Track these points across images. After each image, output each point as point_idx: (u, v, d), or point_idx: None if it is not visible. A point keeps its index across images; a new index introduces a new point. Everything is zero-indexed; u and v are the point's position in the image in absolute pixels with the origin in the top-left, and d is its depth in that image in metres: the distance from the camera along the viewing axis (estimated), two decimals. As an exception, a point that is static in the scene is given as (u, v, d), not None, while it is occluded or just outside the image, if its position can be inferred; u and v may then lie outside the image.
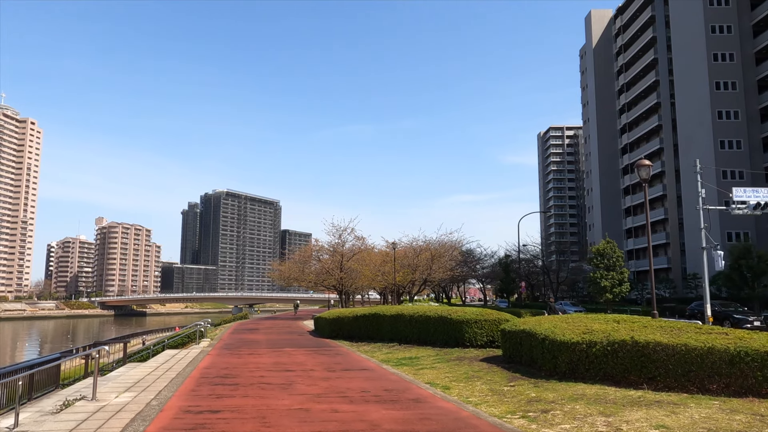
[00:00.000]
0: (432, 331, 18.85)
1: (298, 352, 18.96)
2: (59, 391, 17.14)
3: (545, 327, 12.60)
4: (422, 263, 46.18)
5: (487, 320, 17.42)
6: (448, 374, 12.83)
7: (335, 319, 25.29)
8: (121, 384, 11.95)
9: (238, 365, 15.19)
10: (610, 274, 34.83)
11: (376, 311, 22.34)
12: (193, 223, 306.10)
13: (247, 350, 19.92)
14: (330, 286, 49.77)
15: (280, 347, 21.17)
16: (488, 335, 17.38)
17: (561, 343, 11.40)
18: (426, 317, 19.08)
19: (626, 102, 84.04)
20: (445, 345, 18.14)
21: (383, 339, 21.64)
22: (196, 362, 15.99)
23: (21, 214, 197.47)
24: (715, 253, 22.33)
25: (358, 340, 23.01)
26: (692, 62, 63.46)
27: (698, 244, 60.23)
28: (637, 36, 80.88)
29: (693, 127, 62.29)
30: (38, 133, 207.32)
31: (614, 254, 35.24)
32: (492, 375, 12.34)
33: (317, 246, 49.83)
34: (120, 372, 16.36)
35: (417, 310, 20.15)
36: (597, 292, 35.38)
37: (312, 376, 12.77)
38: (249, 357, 17.41)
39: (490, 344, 17.35)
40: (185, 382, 11.94)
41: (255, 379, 12.33)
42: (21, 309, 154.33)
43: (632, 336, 10.60)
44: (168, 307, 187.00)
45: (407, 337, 20.15)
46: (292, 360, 16.56)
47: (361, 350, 19.66)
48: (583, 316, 13.76)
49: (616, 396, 9.42)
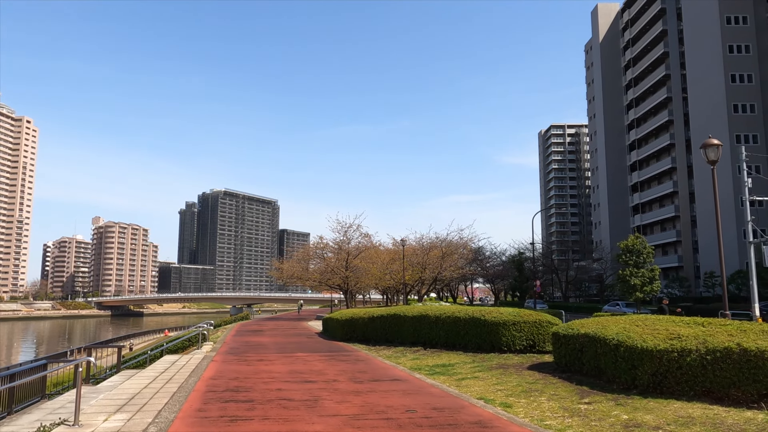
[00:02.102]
0: (462, 334, 16.91)
1: (312, 358, 17.01)
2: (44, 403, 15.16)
3: (614, 331, 10.66)
4: (432, 261, 44.20)
5: (527, 322, 15.50)
6: (500, 387, 10.89)
7: (348, 321, 23.34)
8: (113, 400, 9.99)
9: (248, 375, 13.23)
10: (640, 271, 32.80)
11: (395, 311, 20.38)
12: (191, 223, 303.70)
13: (255, 355, 17.97)
14: (335, 285, 47.72)
15: (290, 352, 19.23)
16: (528, 339, 15.46)
17: (642, 351, 9.46)
18: (455, 318, 17.14)
19: (634, 97, 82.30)
20: (478, 349, 16.21)
21: (404, 342, 19.70)
22: (200, 371, 14.02)
23: (16, 213, 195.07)
24: (765, 249, 20.41)
25: (374, 344, 21.08)
26: (706, 55, 61.66)
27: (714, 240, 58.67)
28: (645, 29, 79.09)
29: (707, 121, 60.48)
30: (34, 132, 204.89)
31: (644, 250, 33.24)
32: (553, 388, 10.40)
33: (322, 244, 47.73)
34: (113, 382, 14.38)
35: (443, 310, 18.22)
36: (626, 290, 33.34)
37: (338, 389, 10.82)
38: (259, 364, 15.45)
39: (529, 349, 15.43)
40: (189, 398, 9.98)
41: (272, 394, 10.37)
42: (16, 309, 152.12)
43: (738, 342, 8.67)
44: (165, 308, 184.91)
45: (432, 340, 18.21)
46: (308, 368, 14.60)
47: (381, 355, 17.71)
48: (655, 318, 11.82)
49: (735, 420, 7.49)
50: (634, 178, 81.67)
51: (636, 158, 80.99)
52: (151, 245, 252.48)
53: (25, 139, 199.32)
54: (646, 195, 78.50)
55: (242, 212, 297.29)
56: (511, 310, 16.52)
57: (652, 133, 77.89)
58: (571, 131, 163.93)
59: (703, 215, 61.75)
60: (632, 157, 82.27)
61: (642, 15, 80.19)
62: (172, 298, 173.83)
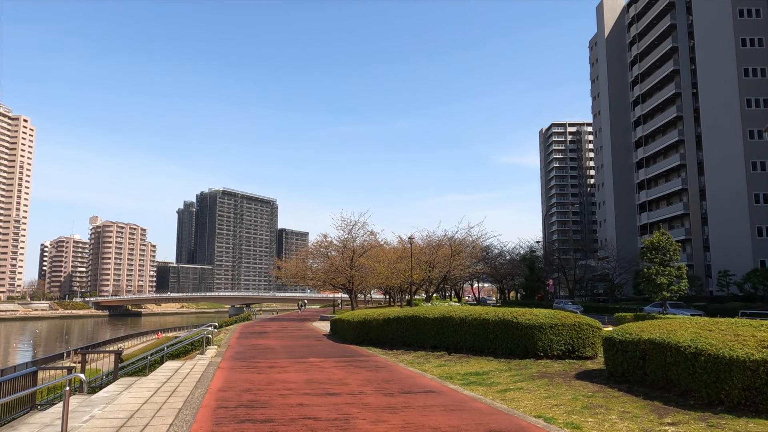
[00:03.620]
0: (492, 337, 15.49)
1: (327, 364, 15.56)
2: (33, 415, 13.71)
3: (687, 337, 9.26)
4: (441, 260, 42.72)
5: (566, 325, 14.10)
6: (553, 401, 9.47)
7: (361, 323, 21.90)
8: (108, 419, 8.56)
9: (261, 385, 11.79)
10: (667, 269, 31.32)
11: (413, 313, 18.95)
12: (189, 223, 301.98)
13: (265, 361, 16.52)
14: (339, 285, 46.23)
15: (302, 357, 17.79)
16: (566, 343, 14.06)
17: (731, 362, 8.06)
18: (483, 320, 15.72)
19: (641, 93, 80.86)
20: (510, 355, 14.80)
21: (424, 346, 18.27)
22: (207, 380, 12.58)
23: (13, 213, 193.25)
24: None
25: (390, 347, 19.65)
26: (718, 49, 60.28)
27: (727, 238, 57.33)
28: (653, 24, 77.67)
29: (719, 117, 59.11)
30: (31, 131, 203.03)
31: (670, 247, 31.70)
32: (619, 404, 8.98)
33: (326, 242, 46.16)
34: (109, 393, 12.95)
35: (468, 311, 16.81)
36: (652, 290, 31.75)
37: (368, 405, 9.40)
38: (271, 372, 13.99)
39: (568, 355, 14.04)
40: (198, 417, 8.55)
41: (293, 411, 8.95)
42: (13, 310, 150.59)
43: None
44: (164, 307, 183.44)
45: (457, 344, 16.79)
46: (326, 376, 13.15)
47: (402, 361, 16.28)
48: (727, 321, 10.41)
49: None
50: (640, 175, 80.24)
51: (643, 155, 79.56)
52: (149, 245, 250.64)
53: (22, 138, 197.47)
54: (653, 192, 77.08)
55: (241, 212, 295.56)
56: (546, 311, 15.11)
57: (660, 129, 76.46)
58: (573, 129, 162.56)
59: (714, 212, 60.37)
60: (639, 154, 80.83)
61: (649, 9, 78.75)
62: (170, 298, 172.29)
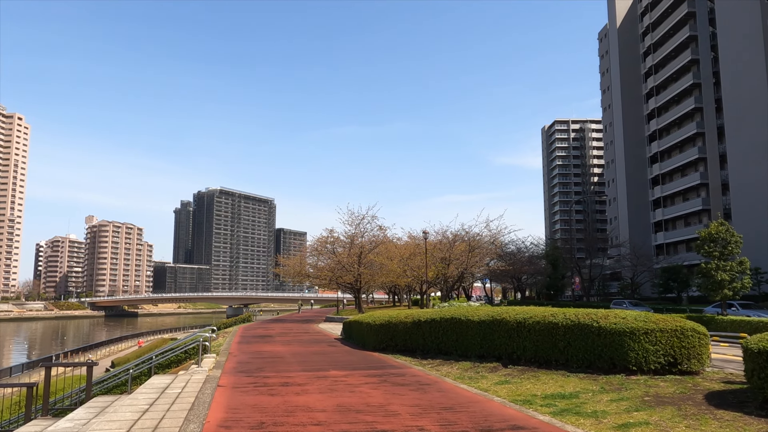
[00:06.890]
0: (561, 346, 12.34)
1: (355, 380, 12.35)
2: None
3: None
4: (457, 256, 39.50)
5: (664, 330, 10.94)
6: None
7: (384, 326, 18.74)
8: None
9: (277, 416, 8.59)
10: (728, 264, 27.96)
11: (453, 314, 15.77)
12: (186, 222, 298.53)
13: (276, 376, 13.30)
14: (346, 284, 42.99)
15: (320, 369, 14.60)
16: (666, 354, 10.90)
17: None
18: (551, 324, 12.58)
19: (654, 85, 77.86)
20: (590, 368, 11.66)
21: (467, 355, 15.09)
22: (203, 407, 9.37)
23: (8, 212, 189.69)
24: None
25: (422, 356, 16.50)
26: (743, 35, 57.22)
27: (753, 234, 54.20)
28: (668, 12, 74.68)
29: (745, 107, 56.09)
30: (26, 129, 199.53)
31: (731, 239, 28.31)
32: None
33: (332, 237, 42.84)
34: (76, 420, 9.79)
35: (528, 313, 13.66)
36: (711, 287, 28.25)
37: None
38: (287, 393, 10.72)
39: (668, 369, 10.90)
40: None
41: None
42: (8, 310, 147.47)
43: None
44: (160, 308, 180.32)
45: (512, 353, 13.63)
46: (361, 399, 9.95)
47: (445, 374, 13.14)
48: None
49: None
50: (654, 171, 77.23)
51: (657, 149, 76.55)
52: (146, 244, 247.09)
53: (17, 137, 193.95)
54: (668, 188, 74.10)
55: (238, 211, 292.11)
56: (635, 313, 11.96)
57: (675, 122, 73.48)
58: (576, 126, 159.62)
59: (739, 207, 57.34)
60: (653, 149, 77.80)
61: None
62: (167, 298, 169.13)
